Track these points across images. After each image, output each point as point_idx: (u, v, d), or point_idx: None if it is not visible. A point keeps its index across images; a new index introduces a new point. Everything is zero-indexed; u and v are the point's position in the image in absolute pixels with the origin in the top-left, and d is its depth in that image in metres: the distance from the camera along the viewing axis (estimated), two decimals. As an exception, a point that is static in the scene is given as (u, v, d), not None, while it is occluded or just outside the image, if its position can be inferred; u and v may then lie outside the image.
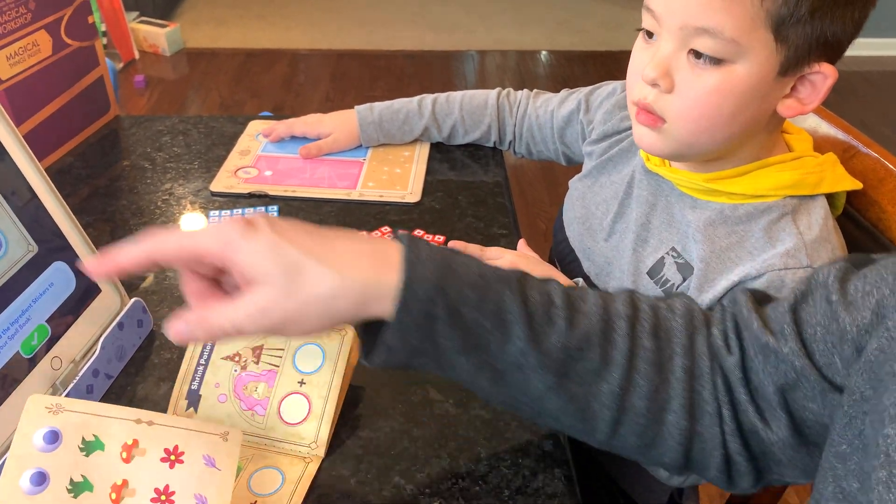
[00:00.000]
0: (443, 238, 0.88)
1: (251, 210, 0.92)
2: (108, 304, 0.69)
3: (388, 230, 0.88)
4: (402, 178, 0.99)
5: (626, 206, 0.79)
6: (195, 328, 0.46)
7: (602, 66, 3.41)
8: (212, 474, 0.50)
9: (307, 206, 0.94)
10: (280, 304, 0.45)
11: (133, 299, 0.70)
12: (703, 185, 0.70)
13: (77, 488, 0.47)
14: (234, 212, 0.92)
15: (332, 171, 1.00)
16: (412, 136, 1.04)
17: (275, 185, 0.97)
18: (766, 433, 0.49)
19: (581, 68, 3.42)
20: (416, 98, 1.04)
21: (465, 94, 1.03)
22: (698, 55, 0.62)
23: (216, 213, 0.92)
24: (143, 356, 0.70)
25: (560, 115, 0.94)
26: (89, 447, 0.49)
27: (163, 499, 0.49)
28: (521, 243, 0.84)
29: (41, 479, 0.46)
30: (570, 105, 0.93)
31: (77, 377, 0.62)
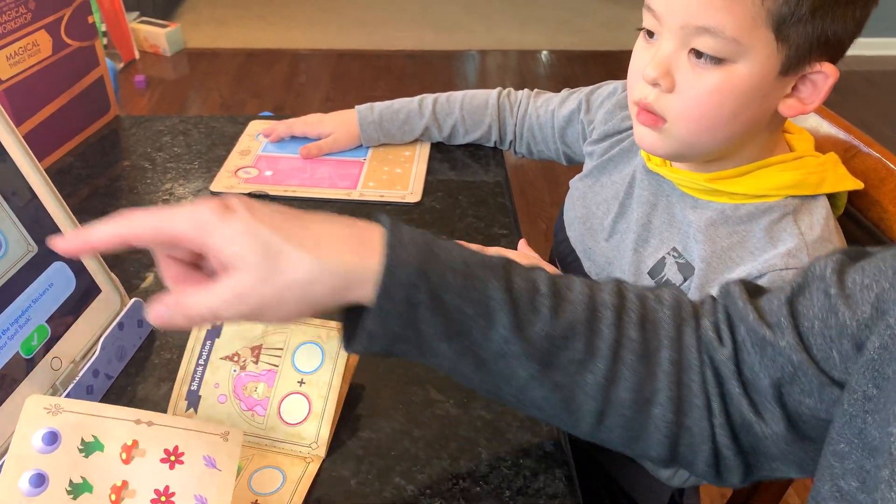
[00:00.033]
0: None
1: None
2: (108, 305, 0.69)
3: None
4: (402, 177, 0.98)
5: (627, 205, 0.79)
6: (174, 313, 0.45)
7: (603, 66, 3.41)
8: (212, 475, 0.50)
9: (307, 206, 0.93)
10: (257, 289, 0.44)
11: (133, 299, 0.70)
12: (705, 185, 0.70)
13: (76, 489, 0.47)
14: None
15: (332, 171, 1.00)
16: (413, 136, 1.04)
17: (275, 185, 0.97)
18: (760, 427, 0.48)
19: (582, 68, 3.42)
20: (416, 98, 1.03)
21: (465, 93, 1.03)
22: (699, 55, 0.62)
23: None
24: (143, 356, 0.70)
25: (561, 114, 0.94)
26: (88, 448, 0.48)
27: (163, 500, 0.49)
28: (522, 243, 0.84)
29: (40, 481, 0.46)
30: (570, 105, 0.93)
31: (77, 377, 0.62)
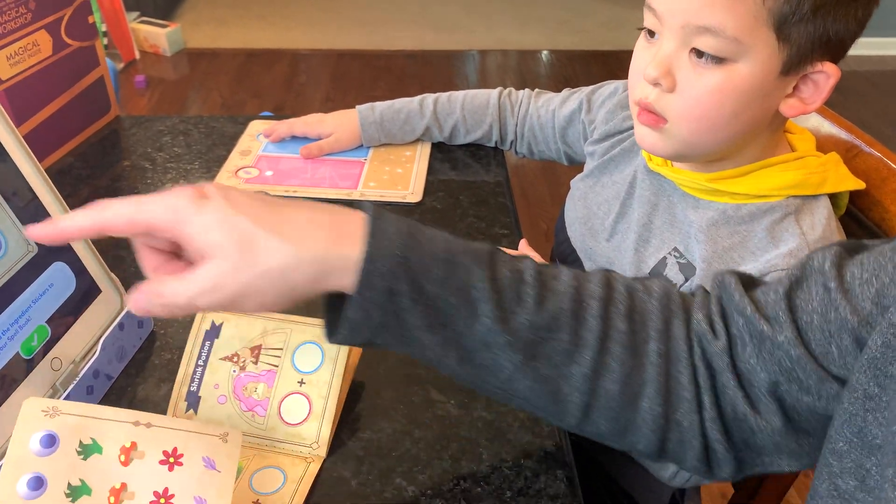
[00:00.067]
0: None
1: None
2: (108, 305, 0.69)
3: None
4: (403, 177, 0.98)
5: (628, 206, 0.79)
6: (151, 301, 0.45)
7: (603, 66, 3.41)
8: (212, 476, 0.50)
9: (308, 206, 0.93)
10: (233, 277, 0.43)
11: (133, 300, 0.70)
12: (706, 185, 0.70)
13: (75, 492, 0.47)
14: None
15: (333, 171, 1.00)
16: (413, 136, 1.04)
17: (276, 185, 0.96)
18: (755, 421, 0.47)
19: (582, 68, 3.42)
20: (417, 98, 1.03)
21: (466, 93, 1.03)
22: (700, 54, 0.62)
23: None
24: (143, 357, 0.70)
25: (562, 114, 0.94)
26: (87, 450, 0.48)
27: (162, 501, 0.48)
28: (523, 243, 0.84)
29: (38, 484, 0.46)
30: (571, 105, 0.93)
31: (77, 378, 0.62)
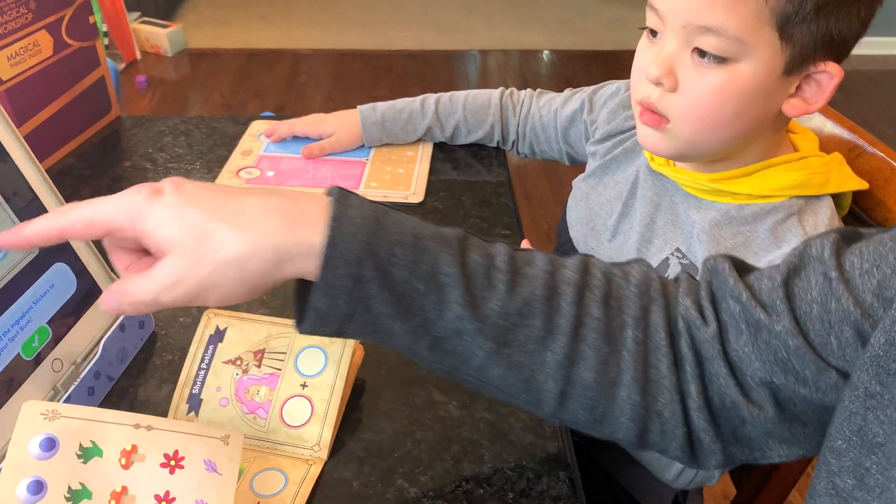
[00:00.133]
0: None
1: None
2: (109, 306, 0.69)
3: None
4: (405, 178, 0.98)
5: (631, 206, 0.78)
6: (122, 301, 0.45)
7: (604, 66, 3.40)
8: (213, 479, 0.50)
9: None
10: (192, 271, 0.43)
11: (134, 301, 0.70)
12: (708, 185, 0.70)
13: (76, 496, 0.46)
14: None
15: (334, 171, 1.00)
16: (415, 136, 1.04)
17: (277, 185, 0.96)
18: (747, 409, 0.47)
19: (583, 68, 3.42)
20: (418, 98, 1.03)
21: (468, 93, 1.03)
22: (702, 54, 0.62)
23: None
24: (144, 358, 0.69)
25: (563, 114, 0.94)
26: (87, 454, 0.48)
27: None
28: (525, 244, 0.84)
29: (38, 488, 0.45)
30: (573, 105, 0.93)
31: (78, 379, 0.62)
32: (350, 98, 3.05)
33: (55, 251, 0.64)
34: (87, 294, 0.66)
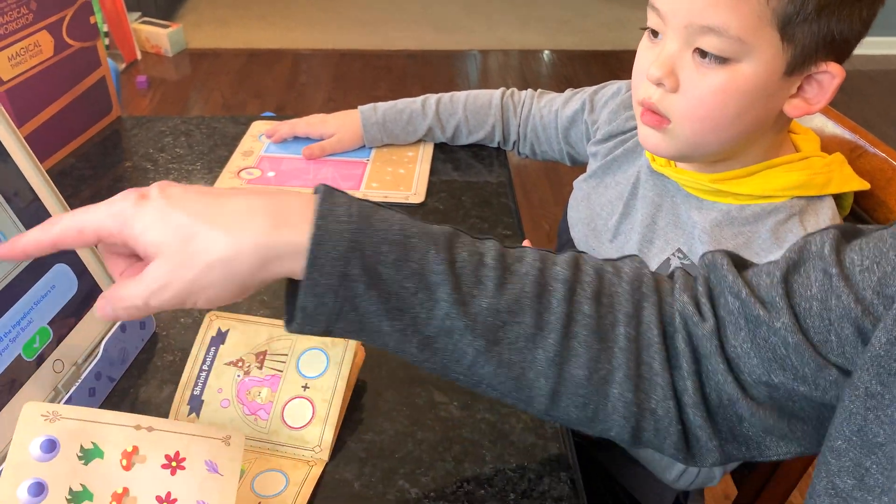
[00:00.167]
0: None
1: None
2: (110, 307, 0.69)
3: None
4: (405, 178, 0.98)
5: (632, 206, 0.78)
6: (115, 306, 0.45)
7: (605, 66, 3.40)
8: (214, 480, 0.50)
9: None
10: (178, 274, 0.43)
11: (135, 302, 0.70)
12: (710, 185, 0.70)
13: (77, 498, 0.46)
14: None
15: (335, 171, 1.00)
16: (416, 137, 1.03)
17: (278, 185, 0.96)
18: (746, 405, 0.46)
19: (584, 68, 3.42)
20: (419, 98, 1.03)
21: (468, 94, 1.03)
22: (704, 54, 0.62)
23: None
24: (145, 359, 0.69)
25: (564, 115, 0.94)
26: (88, 455, 0.48)
27: (165, 504, 0.48)
28: (526, 244, 0.84)
29: (39, 490, 0.45)
30: (574, 105, 0.93)
31: (79, 380, 0.62)
32: (350, 98, 3.05)
33: (56, 252, 0.64)
34: (88, 295, 0.66)
